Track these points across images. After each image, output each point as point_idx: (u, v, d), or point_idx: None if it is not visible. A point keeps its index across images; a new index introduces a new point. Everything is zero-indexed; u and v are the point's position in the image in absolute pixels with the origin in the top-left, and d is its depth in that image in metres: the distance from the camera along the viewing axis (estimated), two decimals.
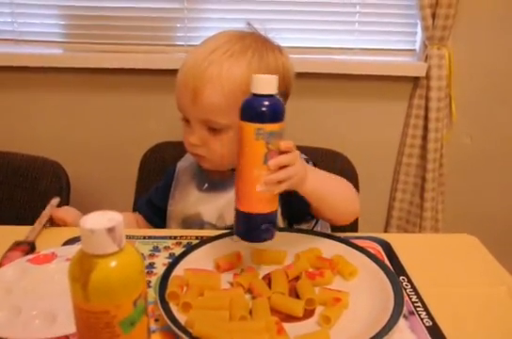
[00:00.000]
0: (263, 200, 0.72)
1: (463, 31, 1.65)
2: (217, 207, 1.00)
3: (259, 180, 0.71)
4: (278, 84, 0.71)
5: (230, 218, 0.97)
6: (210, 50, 0.91)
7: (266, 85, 0.70)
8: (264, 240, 0.76)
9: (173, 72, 0.96)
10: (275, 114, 0.70)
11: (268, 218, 0.74)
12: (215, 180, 1.02)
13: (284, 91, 0.97)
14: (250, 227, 0.75)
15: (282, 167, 0.72)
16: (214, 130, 0.92)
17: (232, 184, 0.92)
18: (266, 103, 0.70)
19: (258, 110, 0.70)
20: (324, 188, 0.84)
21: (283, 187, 0.73)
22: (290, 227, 0.98)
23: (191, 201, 1.03)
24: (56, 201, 1.04)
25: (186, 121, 0.95)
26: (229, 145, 0.92)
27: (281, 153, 0.72)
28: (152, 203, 1.11)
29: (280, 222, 0.98)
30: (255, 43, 0.95)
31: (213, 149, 0.93)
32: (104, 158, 1.79)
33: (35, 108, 1.75)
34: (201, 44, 0.95)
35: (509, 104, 1.76)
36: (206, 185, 1.02)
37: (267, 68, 0.93)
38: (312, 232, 0.92)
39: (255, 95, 0.71)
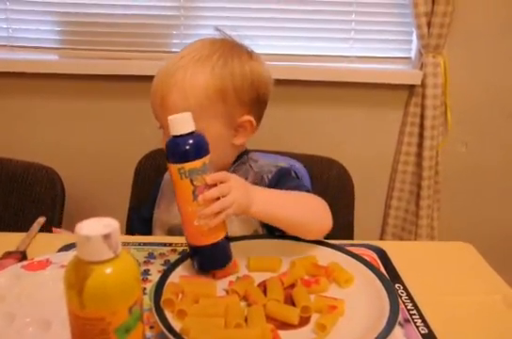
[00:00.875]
0: (204, 232, 0.75)
1: (458, 39, 1.67)
2: None
3: (194, 215, 0.74)
4: (191, 121, 0.73)
5: None
6: (181, 56, 0.92)
7: (178, 125, 0.73)
8: (220, 268, 0.79)
9: None
10: (190, 152, 0.73)
11: (216, 248, 0.77)
12: None
13: (256, 97, 0.96)
14: (201, 258, 0.79)
15: (217, 198, 0.74)
16: None
17: None
18: (180, 143, 0.73)
19: (173, 151, 0.73)
20: (278, 209, 0.83)
21: (222, 218, 0.75)
22: (271, 233, 0.98)
23: (175, 211, 1.03)
24: (42, 219, 1.04)
25: (163, 128, 0.95)
26: None
27: (212, 186, 0.74)
28: (144, 218, 1.10)
29: (260, 230, 0.98)
30: (222, 49, 0.94)
31: None
32: (100, 164, 1.79)
33: (30, 114, 1.75)
34: (177, 53, 0.96)
35: (504, 111, 1.78)
36: None
37: (232, 73, 0.92)
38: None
39: (173, 136, 0.73)
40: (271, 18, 1.69)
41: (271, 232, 0.96)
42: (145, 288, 0.78)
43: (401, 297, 0.78)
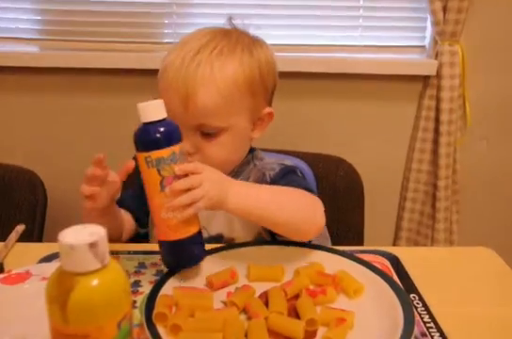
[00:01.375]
0: (172, 226, 0.76)
1: (477, 25, 1.66)
2: (201, 217, 1.00)
3: (162, 207, 0.75)
4: (163, 108, 0.75)
5: (213, 229, 0.99)
6: (195, 49, 0.92)
7: (147, 112, 0.75)
8: (187, 267, 0.80)
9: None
10: (157, 140, 0.74)
11: (182, 244, 0.77)
12: None
13: (274, 87, 1.01)
14: (166, 255, 0.80)
15: (187, 190, 0.74)
16: (207, 135, 0.93)
17: None
18: (148, 130, 0.74)
19: (141, 139, 0.75)
20: (258, 205, 0.82)
21: (192, 211, 0.75)
22: (274, 237, 0.98)
23: None
24: (21, 227, 1.04)
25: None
26: (225, 149, 0.94)
27: (183, 177, 0.75)
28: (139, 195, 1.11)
29: (263, 233, 0.98)
30: (242, 39, 0.97)
31: (209, 155, 0.94)
32: (86, 166, 1.78)
33: (7, 112, 1.74)
34: (182, 44, 0.96)
35: None
36: None
37: (259, 63, 0.96)
38: (312, 245, 0.92)
39: (143, 124, 0.75)
40: (270, 5, 1.68)
41: (274, 236, 0.97)
42: (135, 301, 0.78)
43: (416, 308, 0.78)
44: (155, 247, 0.95)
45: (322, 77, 1.67)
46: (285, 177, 0.98)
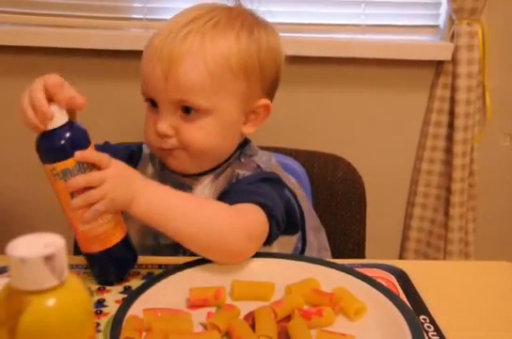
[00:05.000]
0: (90, 238, 0.81)
1: (501, 1, 1.66)
2: None
3: (78, 220, 0.79)
4: (61, 111, 0.77)
5: None
6: (189, 18, 0.95)
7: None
8: (115, 280, 0.86)
9: (128, 53, 0.96)
10: (59, 150, 0.77)
11: (105, 256, 0.83)
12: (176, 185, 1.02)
13: (276, 78, 1.03)
14: (94, 267, 0.86)
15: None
16: (188, 115, 0.94)
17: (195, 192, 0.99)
18: (48, 141, 0.78)
19: (41, 150, 0.79)
20: (166, 216, 0.83)
21: (91, 215, 0.77)
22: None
23: None
24: None
25: (152, 103, 0.97)
26: (206, 135, 0.95)
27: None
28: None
29: None
30: (243, 15, 0.99)
31: (187, 140, 0.95)
32: (33, 165, 1.77)
33: None
34: (175, 15, 0.99)
35: None
36: None
37: (258, 45, 0.97)
38: (307, 258, 0.92)
39: (42, 133, 0.78)
40: None
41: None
42: (99, 324, 0.77)
43: (427, 332, 0.78)
44: None
45: (315, 62, 1.67)
46: (253, 184, 0.98)
